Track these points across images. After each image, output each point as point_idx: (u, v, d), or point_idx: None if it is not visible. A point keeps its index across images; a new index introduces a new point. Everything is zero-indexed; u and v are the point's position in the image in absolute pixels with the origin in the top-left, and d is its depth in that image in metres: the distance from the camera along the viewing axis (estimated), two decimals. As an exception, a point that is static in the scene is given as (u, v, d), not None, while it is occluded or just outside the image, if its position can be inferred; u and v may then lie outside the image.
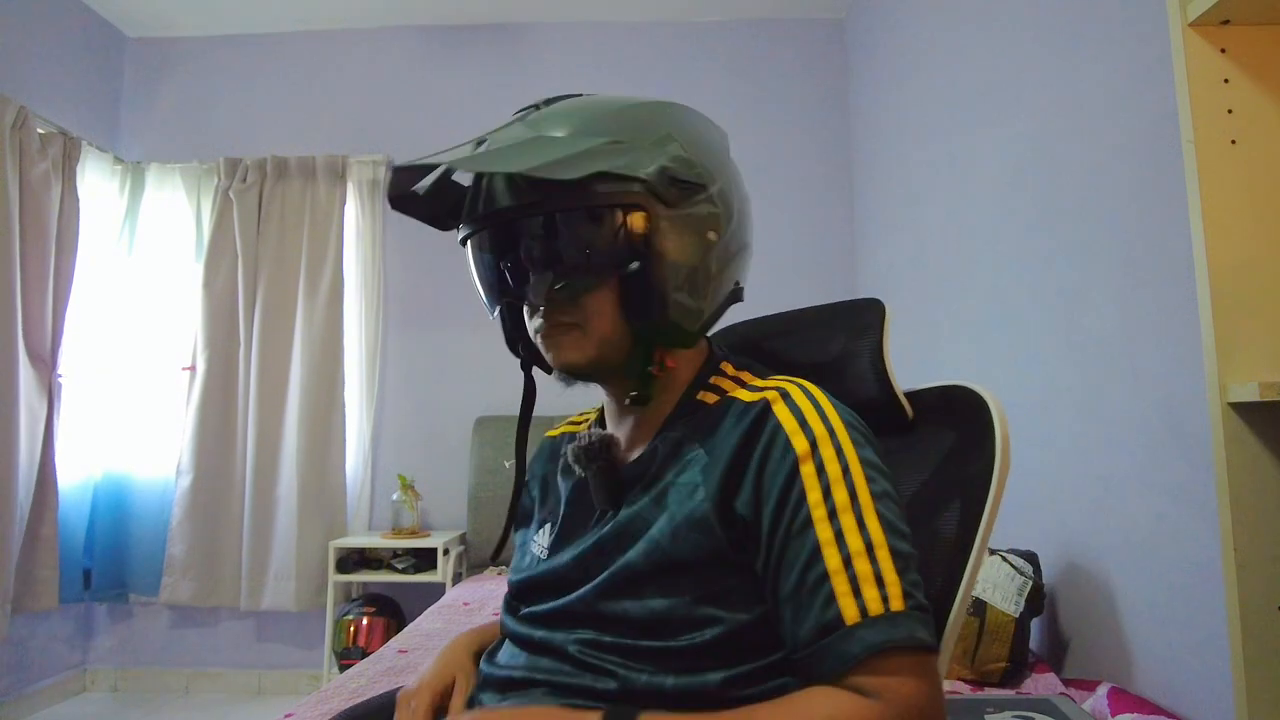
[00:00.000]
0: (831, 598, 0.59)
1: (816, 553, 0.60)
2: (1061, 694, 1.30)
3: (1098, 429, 1.46)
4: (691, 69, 3.14)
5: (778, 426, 0.66)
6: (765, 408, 0.68)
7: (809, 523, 0.61)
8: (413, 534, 2.75)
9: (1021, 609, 1.44)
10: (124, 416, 2.95)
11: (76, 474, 2.79)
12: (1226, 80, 0.82)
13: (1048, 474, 1.64)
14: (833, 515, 0.61)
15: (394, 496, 2.83)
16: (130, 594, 2.91)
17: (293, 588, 2.77)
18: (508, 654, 0.76)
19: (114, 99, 3.14)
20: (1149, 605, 1.32)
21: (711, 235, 0.70)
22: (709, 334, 0.77)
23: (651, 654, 0.65)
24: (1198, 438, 1.17)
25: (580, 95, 0.76)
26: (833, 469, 0.63)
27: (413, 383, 3.06)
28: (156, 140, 3.13)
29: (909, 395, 0.82)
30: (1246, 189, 0.81)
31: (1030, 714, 1.19)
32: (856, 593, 0.58)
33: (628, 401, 0.73)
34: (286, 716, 1.30)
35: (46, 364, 2.55)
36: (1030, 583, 1.47)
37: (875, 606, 0.58)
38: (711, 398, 0.75)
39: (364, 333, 3.02)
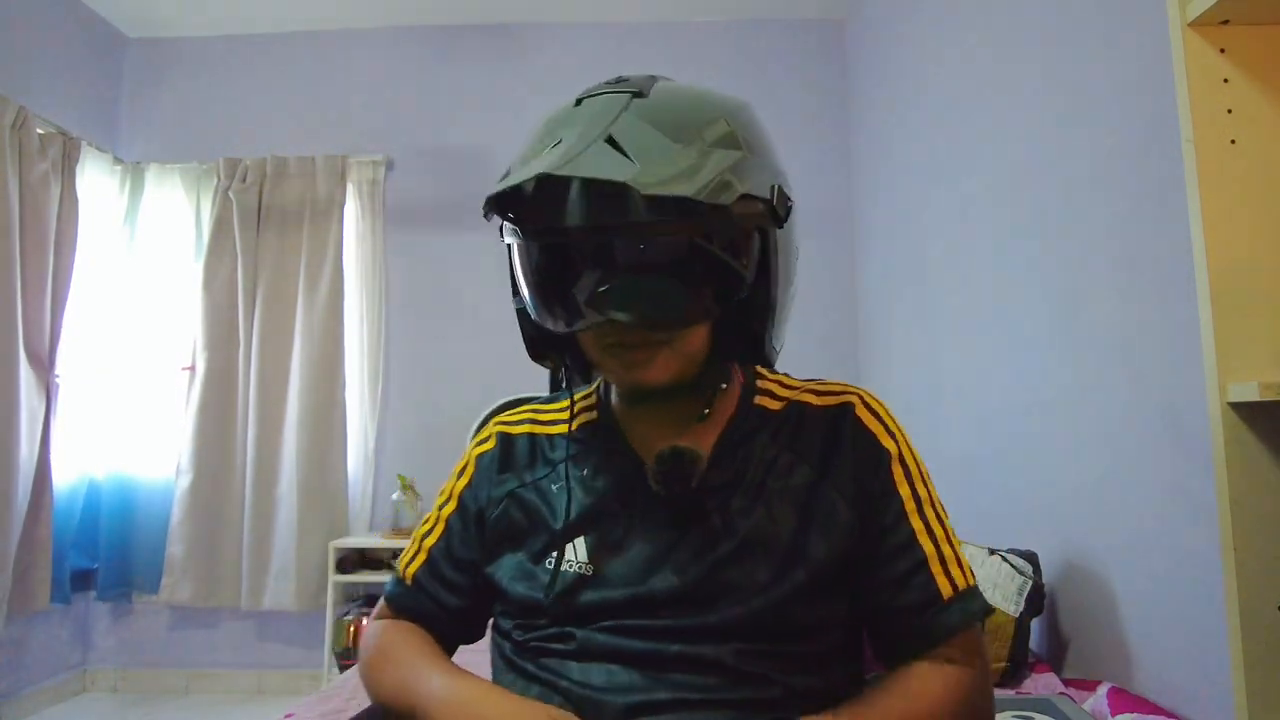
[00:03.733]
0: (931, 578, 0.68)
1: (913, 539, 0.69)
2: (1061, 694, 1.30)
3: (1098, 429, 1.46)
4: (691, 69, 3.12)
5: (863, 427, 0.73)
6: (849, 410, 0.74)
7: (904, 515, 0.70)
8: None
9: (1021, 609, 1.44)
10: (124, 416, 2.95)
11: (76, 474, 2.78)
12: (1226, 80, 0.82)
13: (1048, 474, 1.64)
14: (920, 508, 0.71)
15: (394, 496, 2.83)
16: (134, 593, 2.91)
17: (293, 588, 2.77)
18: (602, 674, 0.66)
19: (114, 99, 3.14)
20: (1149, 605, 1.32)
21: (798, 246, 0.73)
22: None
23: (802, 658, 0.68)
24: (1198, 438, 1.17)
25: (664, 79, 0.70)
26: (913, 468, 0.72)
27: (413, 382, 3.05)
28: (156, 140, 3.13)
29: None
30: (1246, 189, 0.81)
31: (1030, 714, 1.18)
32: (947, 573, 0.69)
33: (704, 414, 0.73)
34: (287, 717, 1.30)
35: (45, 364, 2.55)
36: (1030, 583, 1.47)
37: (961, 583, 0.69)
38: (771, 402, 0.77)
39: (364, 333, 3.02)
